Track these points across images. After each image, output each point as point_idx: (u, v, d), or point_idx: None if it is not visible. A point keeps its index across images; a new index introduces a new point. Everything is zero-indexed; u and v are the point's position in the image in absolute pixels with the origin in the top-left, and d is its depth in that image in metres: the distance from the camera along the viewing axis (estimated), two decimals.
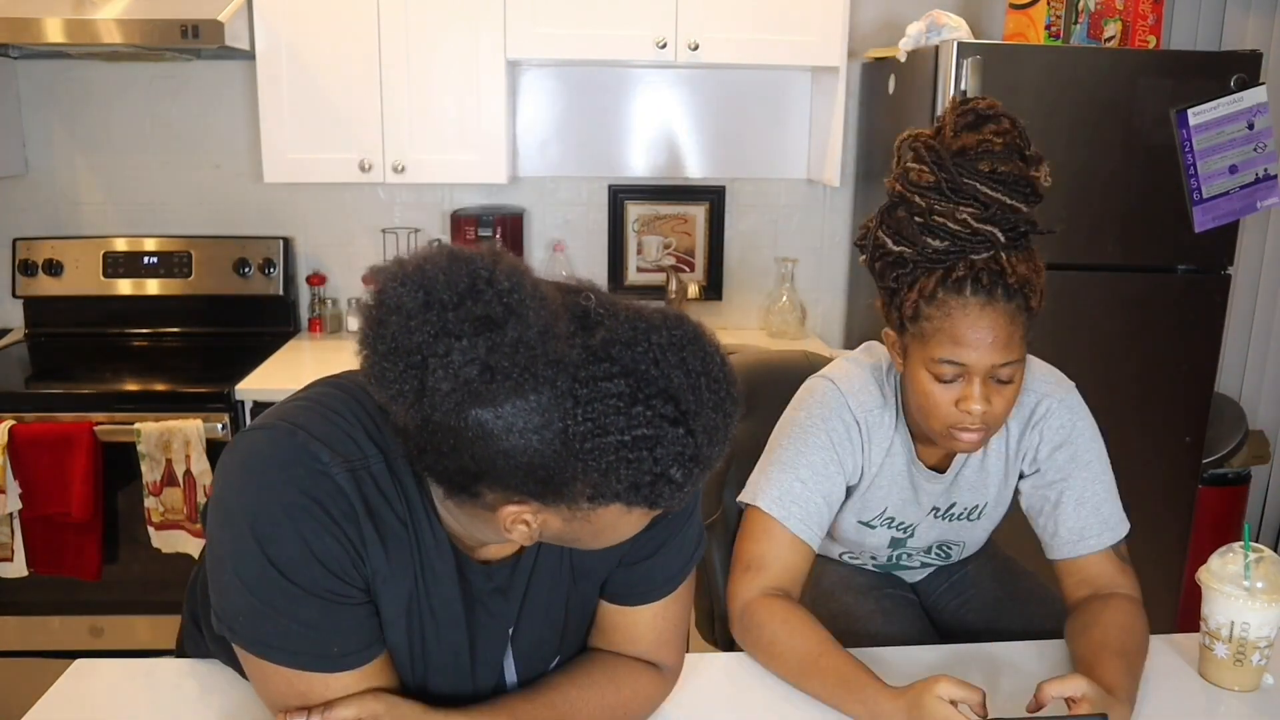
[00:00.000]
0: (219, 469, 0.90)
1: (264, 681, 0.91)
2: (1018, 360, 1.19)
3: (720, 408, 0.79)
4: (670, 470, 0.77)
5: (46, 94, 2.83)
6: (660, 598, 1.07)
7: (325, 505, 0.85)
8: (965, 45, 2.29)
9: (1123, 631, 1.20)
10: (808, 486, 1.29)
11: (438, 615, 0.95)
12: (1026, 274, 1.18)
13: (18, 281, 2.81)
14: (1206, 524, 2.66)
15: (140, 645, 2.47)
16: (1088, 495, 1.31)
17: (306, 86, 2.53)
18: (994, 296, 1.16)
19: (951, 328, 1.17)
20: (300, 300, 2.98)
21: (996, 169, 1.17)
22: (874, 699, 1.09)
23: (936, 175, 1.18)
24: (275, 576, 0.85)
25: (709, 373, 0.79)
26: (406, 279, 0.75)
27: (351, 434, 0.88)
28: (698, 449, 0.78)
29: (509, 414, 0.75)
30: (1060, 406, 1.32)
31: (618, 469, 0.76)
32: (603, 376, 0.75)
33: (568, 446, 0.76)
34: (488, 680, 1.01)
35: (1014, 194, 1.17)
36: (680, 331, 0.79)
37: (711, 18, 2.55)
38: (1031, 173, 1.18)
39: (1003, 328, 1.16)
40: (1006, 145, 1.17)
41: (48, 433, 2.27)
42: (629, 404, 0.75)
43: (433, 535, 0.91)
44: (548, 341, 0.75)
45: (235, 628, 0.88)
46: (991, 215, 1.16)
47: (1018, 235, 1.19)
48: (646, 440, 0.76)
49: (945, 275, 1.17)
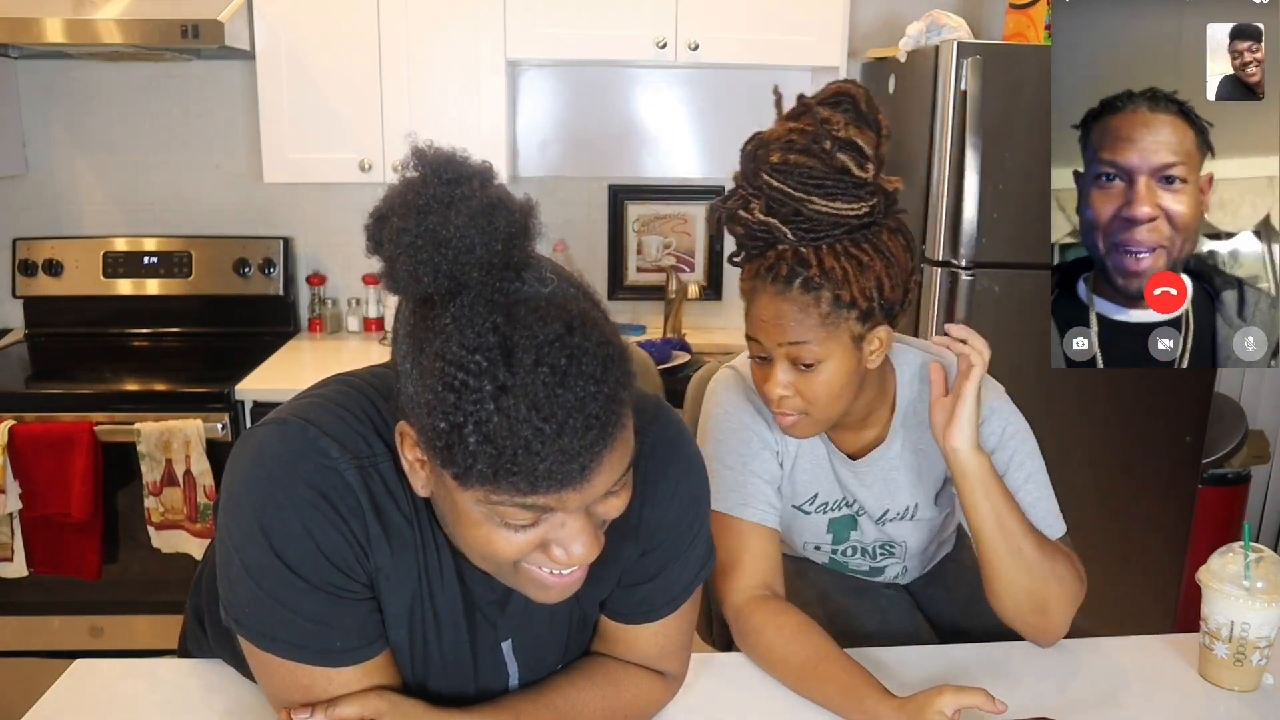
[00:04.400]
0: (230, 462, 0.90)
1: (267, 675, 0.91)
2: (809, 342, 1.17)
3: (555, 418, 0.71)
4: (465, 429, 0.71)
5: (46, 94, 2.83)
6: (662, 618, 1.05)
7: (332, 500, 0.85)
8: (965, 45, 2.28)
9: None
10: (738, 472, 1.29)
11: (440, 616, 0.95)
12: (839, 269, 1.15)
13: (18, 281, 2.81)
14: (1206, 524, 2.66)
15: (140, 645, 2.47)
16: (1020, 495, 1.27)
17: (306, 86, 2.53)
18: (790, 287, 1.16)
19: (754, 308, 1.21)
20: (300, 300, 2.98)
21: (787, 159, 1.16)
22: (875, 707, 1.08)
23: (743, 168, 1.21)
24: (280, 569, 0.85)
25: (568, 378, 0.72)
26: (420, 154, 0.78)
27: (361, 431, 0.88)
28: (502, 425, 0.71)
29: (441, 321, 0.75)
30: (993, 414, 1.29)
31: (431, 401, 0.73)
32: (484, 331, 0.72)
33: (419, 360, 0.76)
34: (489, 683, 1.01)
35: (804, 188, 1.15)
36: (578, 337, 0.73)
37: (711, 18, 2.55)
38: (833, 163, 1.14)
39: (791, 314, 1.16)
40: (809, 138, 1.15)
41: (48, 433, 2.27)
42: (472, 349, 0.72)
43: (434, 538, 0.92)
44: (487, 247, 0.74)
45: (241, 619, 0.89)
46: (776, 211, 1.16)
47: (817, 230, 1.16)
48: (460, 385, 0.71)
49: (761, 264, 1.19)
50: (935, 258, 2.39)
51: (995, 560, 1.24)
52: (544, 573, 0.84)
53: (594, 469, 0.75)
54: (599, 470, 0.75)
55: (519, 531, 0.79)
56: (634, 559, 1.01)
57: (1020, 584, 1.23)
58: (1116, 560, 2.61)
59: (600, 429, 0.73)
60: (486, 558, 0.82)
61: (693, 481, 1.03)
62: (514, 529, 0.79)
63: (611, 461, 0.77)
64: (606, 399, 0.73)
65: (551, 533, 0.80)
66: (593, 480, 0.76)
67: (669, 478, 1.00)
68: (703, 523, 1.06)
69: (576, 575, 0.85)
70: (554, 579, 0.84)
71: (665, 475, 0.99)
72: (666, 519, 1.00)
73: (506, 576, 0.86)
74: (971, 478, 1.23)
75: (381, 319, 2.94)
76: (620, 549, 0.98)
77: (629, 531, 0.98)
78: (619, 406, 0.75)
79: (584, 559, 0.81)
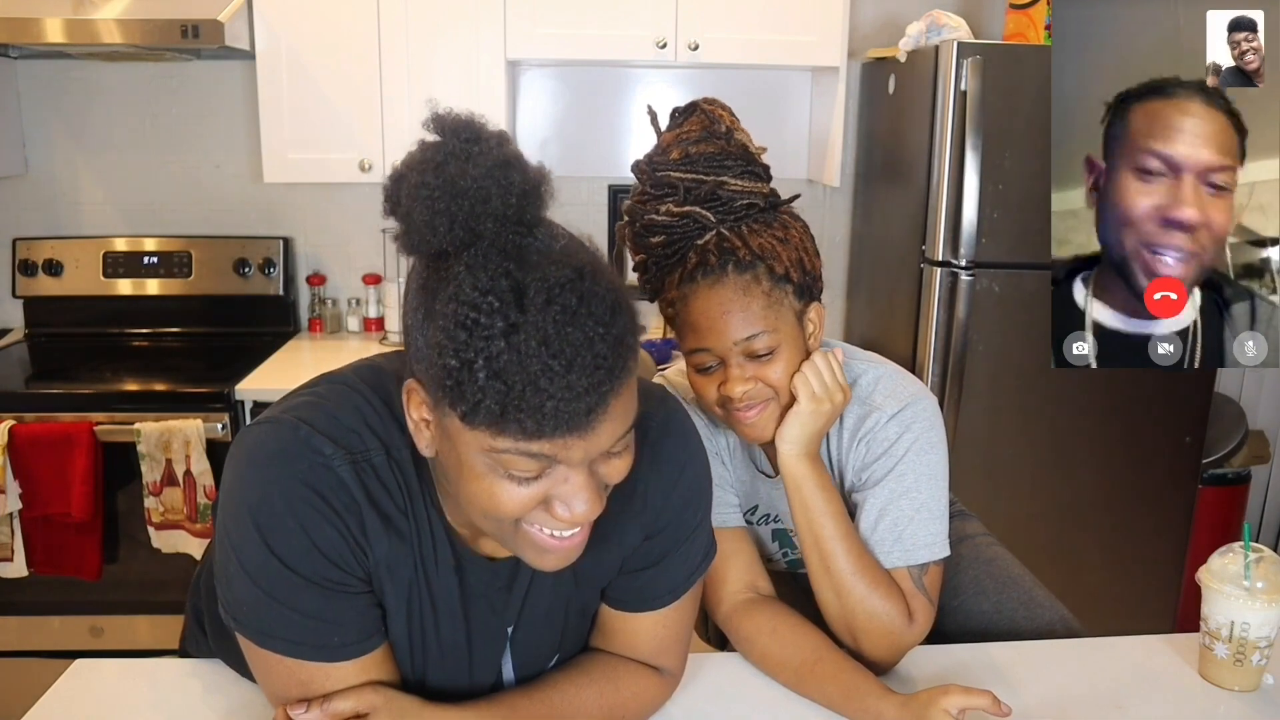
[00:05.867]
0: (226, 463, 0.91)
1: (266, 671, 0.92)
2: (765, 330, 1.15)
3: (564, 355, 0.72)
4: (475, 364, 0.72)
5: (46, 94, 2.83)
6: (661, 607, 1.06)
7: (326, 497, 0.86)
8: (965, 45, 2.29)
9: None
10: None
11: (437, 607, 0.95)
12: (765, 244, 1.16)
13: (18, 281, 2.81)
14: (1206, 524, 2.66)
15: (140, 645, 2.47)
16: (890, 509, 1.20)
17: (306, 86, 2.53)
18: (724, 272, 1.15)
19: (689, 315, 1.17)
20: (300, 300, 2.98)
21: (688, 152, 1.18)
22: (877, 705, 1.08)
23: (641, 183, 1.22)
24: (276, 565, 0.86)
25: (578, 317, 0.73)
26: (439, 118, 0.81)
27: (353, 426, 0.89)
28: (511, 361, 0.72)
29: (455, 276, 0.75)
30: (891, 422, 1.22)
31: (442, 341, 0.74)
32: (497, 274, 0.74)
33: (432, 308, 0.76)
34: (485, 677, 1.01)
35: (712, 170, 1.18)
36: (588, 282, 0.75)
37: (711, 18, 2.55)
38: (729, 146, 1.18)
39: (735, 300, 1.14)
40: (702, 129, 1.19)
41: (48, 433, 2.27)
42: (485, 290, 0.73)
43: (430, 527, 0.92)
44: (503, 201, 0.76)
45: (239, 617, 0.90)
46: (691, 197, 1.18)
47: (734, 210, 1.18)
48: (472, 323, 0.73)
49: (681, 270, 1.18)
50: (935, 258, 2.39)
51: (809, 571, 1.22)
52: (544, 535, 0.84)
53: (599, 414, 0.75)
54: (604, 416, 0.76)
55: (522, 485, 0.79)
56: (638, 543, 1.02)
57: (828, 602, 1.21)
58: (1116, 560, 2.61)
59: (607, 370, 0.74)
60: (489, 513, 0.82)
61: (697, 468, 1.04)
62: (517, 481, 0.79)
63: (615, 410, 0.77)
64: (615, 342, 0.75)
65: (554, 488, 0.80)
66: (597, 428, 0.76)
67: (676, 461, 1.01)
68: (705, 513, 1.07)
69: (576, 539, 0.85)
70: (554, 542, 0.84)
71: (672, 458, 1.01)
72: (671, 502, 1.01)
73: (507, 538, 0.86)
74: (790, 482, 1.21)
75: (381, 319, 2.94)
76: (625, 531, 0.99)
77: (634, 514, 0.99)
78: (626, 352, 0.76)
79: (586, 517, 0.81)
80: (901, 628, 1.18)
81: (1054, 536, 2.56)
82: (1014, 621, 1.40)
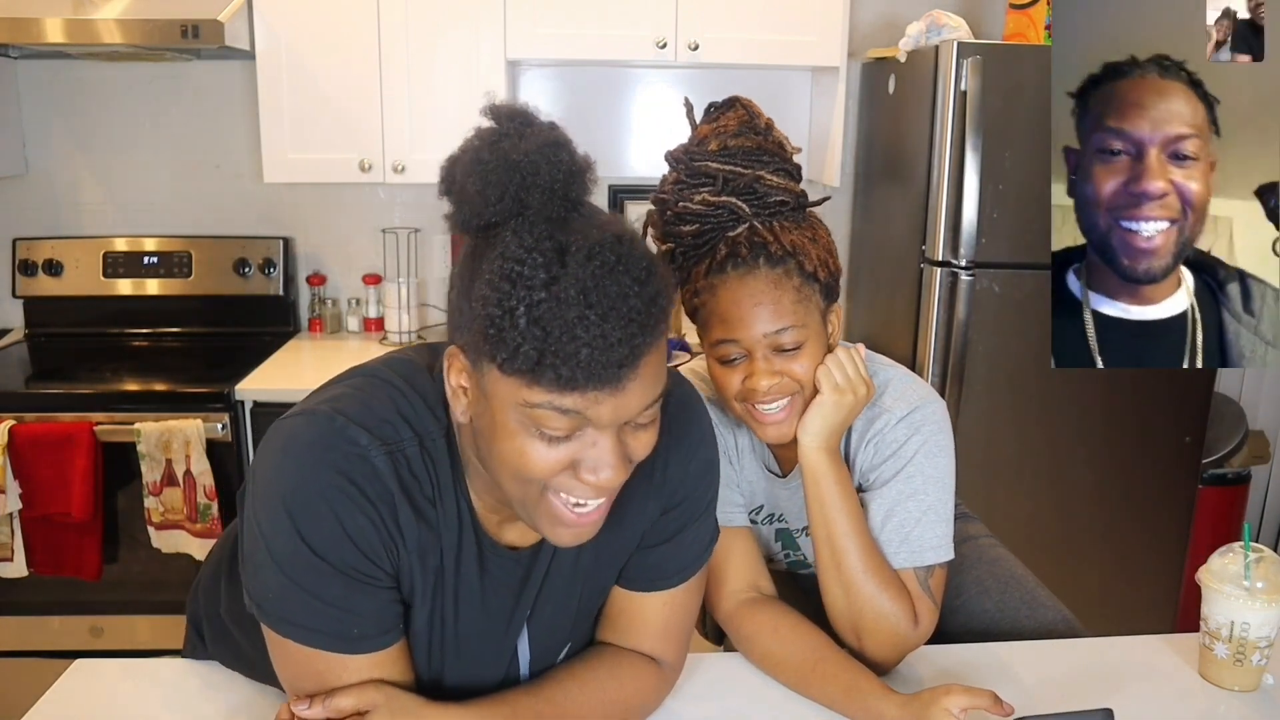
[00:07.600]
0: (258, 454, 0.92)
1: (284, 660, 0.93)
2: (794, 325, 1.16)
3: (600, 305, 0.77)
4: (516, 311, 0.77)
5: (46, 94, 2.83)
6: (670, 586, 1.08)
7: (361, 486, 0.87)
8: (965, 45, 2.29)
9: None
10: None
11: (459, 596, 0.97)
12: (796, 240, 1.17)
13: (18, 281, 2.81)
14: (1206, 524, 2.66)
15: (140, 645, 2.47)
16: (897, 510, 1.21)
17: (306, 86, 2.53)
18: (756, 265, 1.16)
19: (717, 306, 1.17)
20: (300, 300, 2.98)
21: (726, 144, 1.20)
22: (879, 705, 1.08)
23: (676, 171, 1.23)
24: (305, 553, 0.87)
25: (615, 272, 0.78)
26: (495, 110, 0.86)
27: (388, 418, 0.90)
28: (551, 308, 0.77)
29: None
30: (900, 424, 1.22)
31: (486, 295, 0.78)
32: (541, 236, 0.79)
33: (478, 272, 0.80)
34: (500, 667, 1.03)
35: (750, 164, 1.19)
36: (626, 246, 0.80)
37: (711, 18, 2.55)
38: (767, 142, 1.21)
39: (767, 293, 1.15)
40: (740, 123, 1.21)
41: (48, 433, 2.26)
42: (530, 249, 0.78)
43: (459, 517, 0.94)
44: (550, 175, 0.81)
45: (263, 605, 0.90)
46: (729, 188, 1.19)
47: (768, 205, 1.19)
48: (515, 275, 0.77)
49: (710, 260, 1.18)
50: (935, 258, 2.39)
51: (818, 567, 1.22)
52: (565, 509, 0.87)
53: (629, 370, 0.79)
54: (633, 375, 0.79)
55: (553, 445, 0.82)
56: (656, 517, 1.04)
57: (835, 599, 1.21)
58: (1116, 560, 2.61)
59: (639, 325, 0.78)
60: (519, 473, 0.84)
61: (709, 447, 1.09)
62: (548, 441, 0.82)
63: (644, 371, 0.80)
64: (649, 300, 0.79)
65: (583, 451, 0.83)
66: (626, 386, 0.79)
67: (691, 437, 1.06)
68: (714, 492, 1.11)
69: (594, 515, 0.88)
70: (573, 516, 0.87)
71: (688, 434, 1.05)
72: (687, 477, 1.05)
73: (531, 508, 0.88)
74: (809, 475, 1.21)
75: (381, 319, 2.94)
76: (644, 506, 1.03)
77: (652, 489, 1.03)
78: (658, 313, 0.80)
79: (611, 483, 0.84)
80: (907, 630, 1.19)
81: (1054, 537, 2.56)
82: (1016, 621, 1.40)
